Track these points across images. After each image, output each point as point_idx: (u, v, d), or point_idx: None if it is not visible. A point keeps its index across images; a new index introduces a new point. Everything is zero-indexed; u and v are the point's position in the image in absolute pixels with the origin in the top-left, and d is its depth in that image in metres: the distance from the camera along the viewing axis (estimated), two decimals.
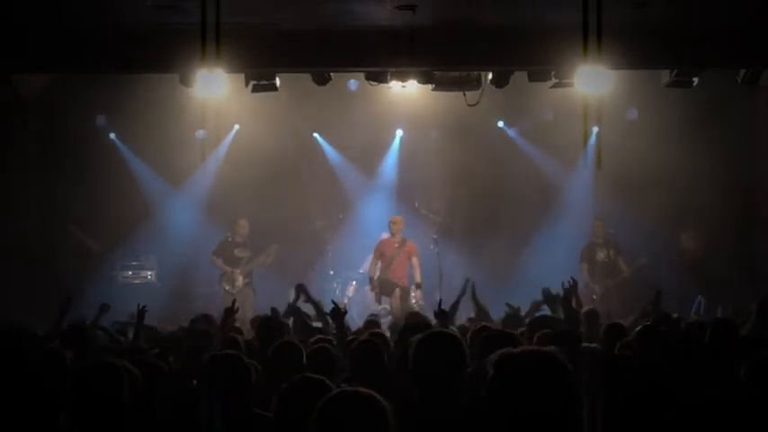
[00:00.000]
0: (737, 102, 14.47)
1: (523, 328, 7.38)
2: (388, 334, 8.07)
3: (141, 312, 7.88)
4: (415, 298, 14.08)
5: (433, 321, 7.28)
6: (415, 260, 14.45)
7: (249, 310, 12.91)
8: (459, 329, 7.54)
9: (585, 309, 9.21)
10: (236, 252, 14.70)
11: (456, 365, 4.31)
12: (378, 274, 14.52)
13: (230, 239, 14.82)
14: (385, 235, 14.77)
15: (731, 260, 14.59)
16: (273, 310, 8.94)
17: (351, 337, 7.19)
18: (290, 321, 8.63)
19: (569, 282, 7.65)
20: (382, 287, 14.38)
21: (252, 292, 14.44)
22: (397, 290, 14.22)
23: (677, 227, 14.73)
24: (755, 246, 15.00)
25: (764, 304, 7.59)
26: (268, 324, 7.52)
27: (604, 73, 10.11)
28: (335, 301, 7.89)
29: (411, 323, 7.25)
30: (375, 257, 14.64)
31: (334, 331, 7.47)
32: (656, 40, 11.62)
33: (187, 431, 4.93)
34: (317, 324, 8.61)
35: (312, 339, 7.14)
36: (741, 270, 14.52)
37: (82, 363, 5.48)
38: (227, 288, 14.42)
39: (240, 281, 14.50)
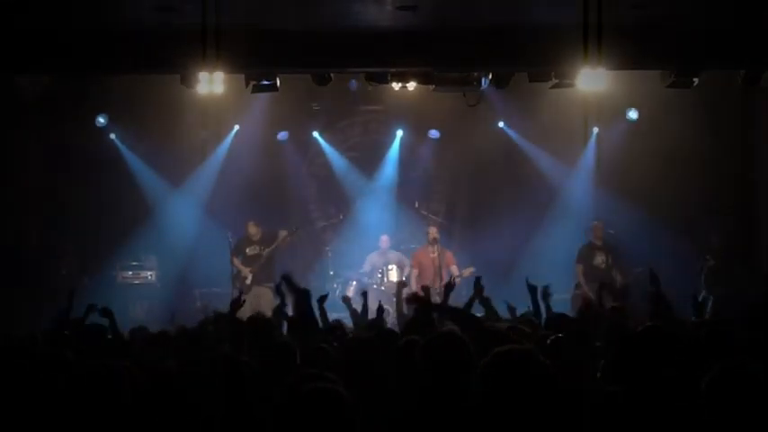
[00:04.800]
0: (738, 102, 14.47)
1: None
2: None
3: (109, 315, 7.88)
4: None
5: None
6: (453, 268, 14.20)
7: (267, 309, 12.77)
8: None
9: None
10: (248, 251, 14.68)
11: (462, 366, 4.31)
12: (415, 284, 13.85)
13: (245, 237, 14.76)
14: (423, 246, 14.59)
15: (730, 259, 14.58)
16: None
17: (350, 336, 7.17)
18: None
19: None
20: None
21: (269, 291, 14.30)
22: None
23: (676, 227, 14.71)
24: (756, 245, 15.01)
25: None
26: None
27: (604, 73, 10.12)
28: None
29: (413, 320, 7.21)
30: (414, 267, 14.41)
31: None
32: (656, 40, 11.63)
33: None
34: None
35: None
36: (741, 269, 14.53)
37: (81, 363, 5.48)
38: (237, 286, 14.39)
39: (249, 278, 14.48)
